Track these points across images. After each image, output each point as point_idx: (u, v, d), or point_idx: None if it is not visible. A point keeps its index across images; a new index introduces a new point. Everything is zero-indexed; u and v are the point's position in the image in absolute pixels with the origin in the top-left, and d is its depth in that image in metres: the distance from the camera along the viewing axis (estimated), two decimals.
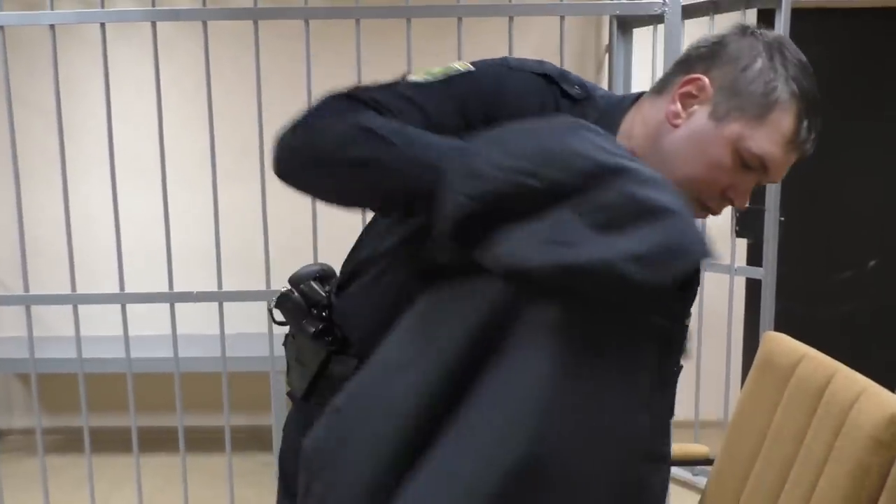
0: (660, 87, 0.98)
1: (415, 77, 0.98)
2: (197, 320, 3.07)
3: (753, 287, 3.01)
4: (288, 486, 1.19)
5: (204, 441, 3.28)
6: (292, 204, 3.18)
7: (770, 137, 0.90)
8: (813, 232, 3.69)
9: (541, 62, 1.02)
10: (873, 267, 3.74)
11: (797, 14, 2.73)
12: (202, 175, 3.04)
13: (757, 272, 2.81)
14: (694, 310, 3.44)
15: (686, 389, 3.30)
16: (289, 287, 1.16)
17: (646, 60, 3.16)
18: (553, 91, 0.98)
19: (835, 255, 3.74)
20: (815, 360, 1.38)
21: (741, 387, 1.63)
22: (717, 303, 3.13)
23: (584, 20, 3.52)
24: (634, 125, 0.99)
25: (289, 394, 1.20)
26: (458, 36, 2.15)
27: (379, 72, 2.87)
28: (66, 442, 3.44)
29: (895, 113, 3.65)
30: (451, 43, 2.33)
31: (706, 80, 0.92)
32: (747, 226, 2.91)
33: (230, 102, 3.31)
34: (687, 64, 0.96)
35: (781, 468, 1.35)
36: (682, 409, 3.02)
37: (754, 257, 3.15)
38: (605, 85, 3.37)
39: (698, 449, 1.65)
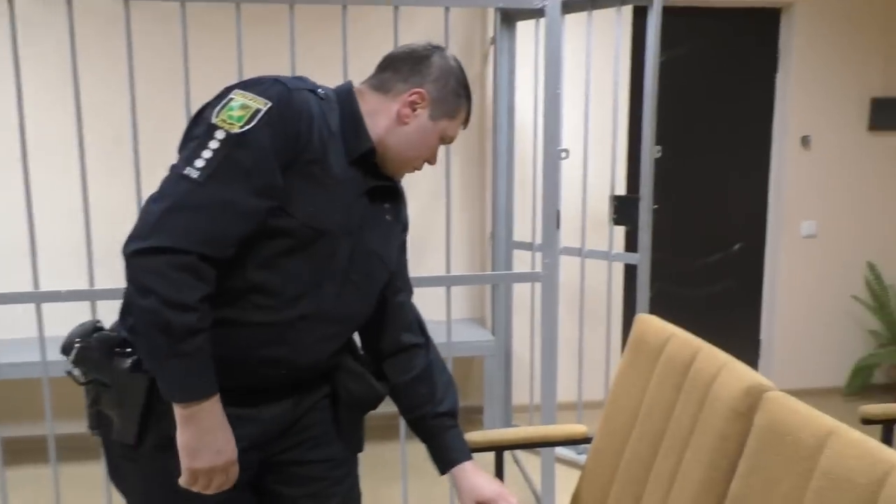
0: (380, 86, 1.30)
1: (231, 129, 1.12)
2: (69, 320, 2.89)
3: (631, 272, 3.16)
4: None
5: (83, 449, 3.10)
6: None
7: (458, 124, 1.36)
8: (684, 219, 3.93)
9: (300, 78, 1.24)
10: (738, 249, 4.03)
11: (668, 11, 2.88)
12: (73, 167, 2.85)
13: (633, 258, 2.95)
14: (575, 295, 3.54)
15: (569, 372, 3.45)
16: (78, 343, 1.20)
17: (529, 53, 3.25)
18: (315, 97, 1.23)
19: (704, 239, 4.00)
20: (681, 339, 1.47)
21: None
22: (598, 288, 3.27)
23: (469, 12, 3.56)
24: (375, 116, 1.29)
25: (116, 444, 1.19)
26: (342, 25, 2.12)
27: (260, 60, 2.80)
28: None
29: (756, 106, 3.93)
30: (337, 31, 2.29)
31: (426, 92, 1.29)
32: (624, 214, 3.05)
33: (101, 90, 3.12)
34: (402, 72, 1.29)
35: (653, 441, 1.43)
36: (566, 391, 3.16)
37: (631, 244, 3.31)
38: (490, 76, 3.43)
39: (577, 428, 1.72)
